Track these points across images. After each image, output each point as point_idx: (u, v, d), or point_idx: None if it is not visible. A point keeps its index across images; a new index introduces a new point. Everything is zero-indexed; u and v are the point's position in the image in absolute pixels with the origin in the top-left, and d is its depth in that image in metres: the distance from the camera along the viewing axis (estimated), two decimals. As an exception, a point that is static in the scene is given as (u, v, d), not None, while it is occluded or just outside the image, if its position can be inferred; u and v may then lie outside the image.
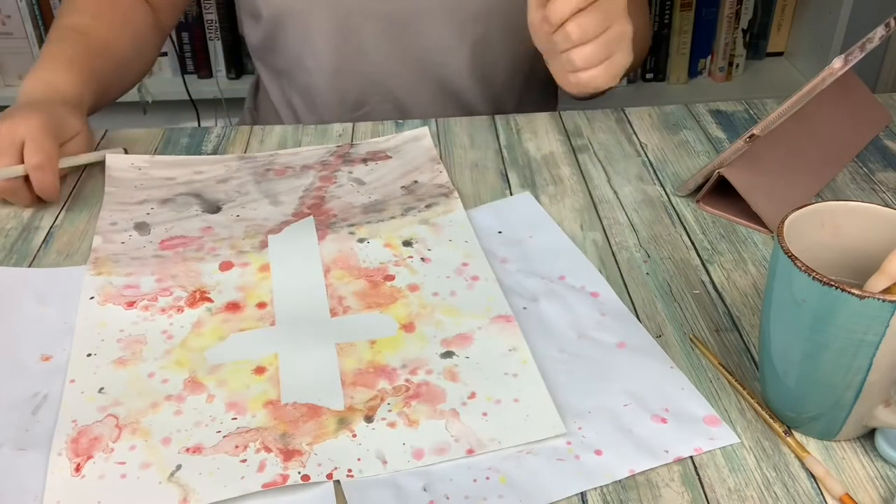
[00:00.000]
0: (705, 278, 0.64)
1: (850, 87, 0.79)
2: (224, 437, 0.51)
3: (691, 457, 0.50)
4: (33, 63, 0.78)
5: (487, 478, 0.48)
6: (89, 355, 0.57)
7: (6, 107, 0.74)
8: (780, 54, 2.03)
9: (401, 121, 0.86)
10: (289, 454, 0.50)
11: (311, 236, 0.67)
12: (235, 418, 0.52)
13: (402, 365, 0.56)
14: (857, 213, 0.51)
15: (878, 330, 0.44)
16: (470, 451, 0.50)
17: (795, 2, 1.94)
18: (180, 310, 0.60)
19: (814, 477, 0.49)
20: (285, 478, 0.48)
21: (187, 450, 0.50)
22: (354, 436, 0.51)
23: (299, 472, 0.48)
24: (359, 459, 0.50)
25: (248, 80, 1.27)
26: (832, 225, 0.51)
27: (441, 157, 0.79)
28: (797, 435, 0.51)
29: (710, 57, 1.97)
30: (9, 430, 0.51)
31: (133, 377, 0.55)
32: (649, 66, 1.96)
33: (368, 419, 0.52)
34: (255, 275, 0.64)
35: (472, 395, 0.54)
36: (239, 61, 1.94)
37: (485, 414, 0.52)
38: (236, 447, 0.50)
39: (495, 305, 0.60)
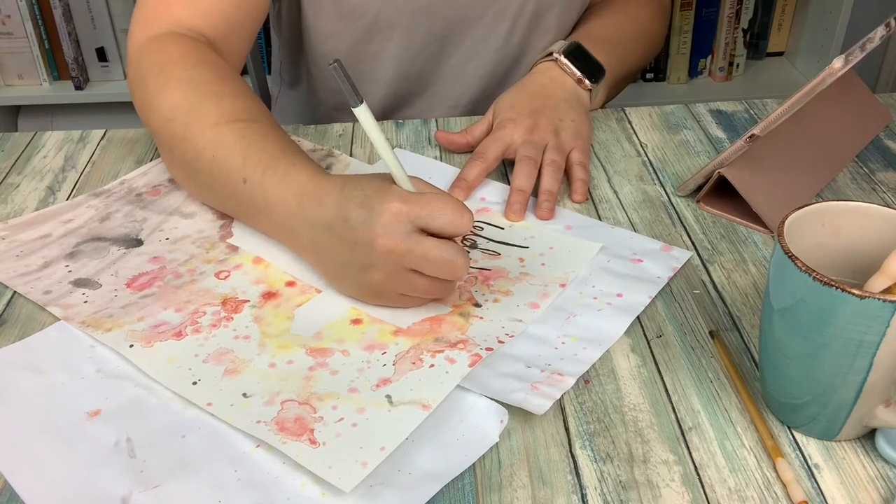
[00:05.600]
0: (705, 278, 0.64)
1: (851, 87, 0.79)
2: (394, 364, 0.55)
3: (691, 457, 0.50)
4: (33, 63, 0.75)
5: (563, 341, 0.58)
6: (194, 383, 0.54)
7: (6, 107, 0.73)
8: (780, 54, 2.03)
9: (401, 120, 0.86)
10: (454, 345, 0.56)
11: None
12: (385, 352, 0.56)
13: None
14: (857, 213, 0.51)
15: (879, 330, 0.44)
16: (563, 285, 0.62)
17: (795, 2, 1.94)
18: (230, 318, 0.60)
19: (814, 478, 0.49)
20: (478, 356, 0.55)
21: (378, 385, 0.54)
22: (482, 318, 0.59)
23: (477, 351, 0.55)
24: (502, 327, 0.58)
25: (247, 80, 1.26)
26: (832, 225, 0.51)
27: (441, 158, 0.79)
28: (797, 435, 0.51)
29: (710, 57, 1.96)
30: (127, 478, 0.49)
31: (260, 374, 0.55)
32: (649, 65, 1.96)
33: (476, 305, 0.60)
34: (255, 269, 0.64)
35: (522, 260, 0.65)
36: (239, 61, 1.94)
37: (543, 265, 0.64)
38: (413, 364, 0.55)
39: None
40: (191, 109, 0.67)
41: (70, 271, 0.65)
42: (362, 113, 0.56)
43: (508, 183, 0.75)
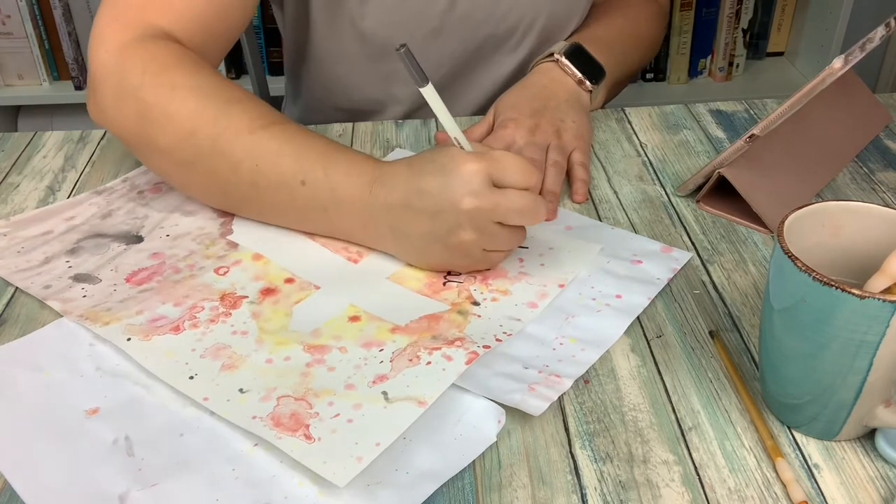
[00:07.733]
0: (705, 278, 0.64)
1: (851, 87, 0.79)
2: (391, 361, 0.55)
3: (691, 457, 0.50)
4: (33, 63, 0.74)
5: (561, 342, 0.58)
6: (191, 378, 0.54)
7: (6, 107, 0.73)
8: (780, 54, 2.03)
9: (401, 121, 0.85)
10: (451, 343, 0.56)
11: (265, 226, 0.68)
12: (382, 349, 0.56)
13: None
14: (857, 213, 0.51)
15: (879, 330, 0.44)
16: (562, 286, 0.62)
17: (795, 2, 1.93)
18: (228, 314, 0.60)
19: (814, 478, 0.49)
20: (475, 354, 0.55)
21: (374, 382, 0.54)
22: (479, 316, 0.59)
23: (474, 349, 0.55)
24: (500, 325, 0.58)
25: (247, 80, 1.26)
26: (832, 225, 0.51)
27: (441, 157, 0.79)
28: (797, 435, 0.51)
29: (710, 57, 1.96)
30: (125, 476, 0.49)
31: (257, 369, 0.55)
32: (649, 65, 1.96)
33: (475, 303, 0.60)
34: (254, 265, 0.64)
35: (521, 260, 0.65)
36: (239, 61, 1.94)
37: (542, 265, 0.64)
38: (410, 361, 0.55)
39: None
40: (216, 120, 0.63)
41: (70, 266, 0.65)
42: (429, 93, 0.59)
43: (508, 183, 0.75)
